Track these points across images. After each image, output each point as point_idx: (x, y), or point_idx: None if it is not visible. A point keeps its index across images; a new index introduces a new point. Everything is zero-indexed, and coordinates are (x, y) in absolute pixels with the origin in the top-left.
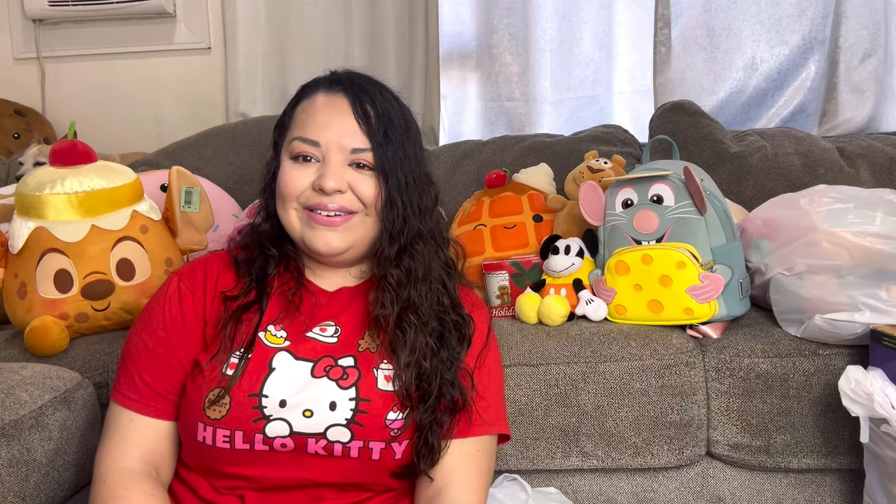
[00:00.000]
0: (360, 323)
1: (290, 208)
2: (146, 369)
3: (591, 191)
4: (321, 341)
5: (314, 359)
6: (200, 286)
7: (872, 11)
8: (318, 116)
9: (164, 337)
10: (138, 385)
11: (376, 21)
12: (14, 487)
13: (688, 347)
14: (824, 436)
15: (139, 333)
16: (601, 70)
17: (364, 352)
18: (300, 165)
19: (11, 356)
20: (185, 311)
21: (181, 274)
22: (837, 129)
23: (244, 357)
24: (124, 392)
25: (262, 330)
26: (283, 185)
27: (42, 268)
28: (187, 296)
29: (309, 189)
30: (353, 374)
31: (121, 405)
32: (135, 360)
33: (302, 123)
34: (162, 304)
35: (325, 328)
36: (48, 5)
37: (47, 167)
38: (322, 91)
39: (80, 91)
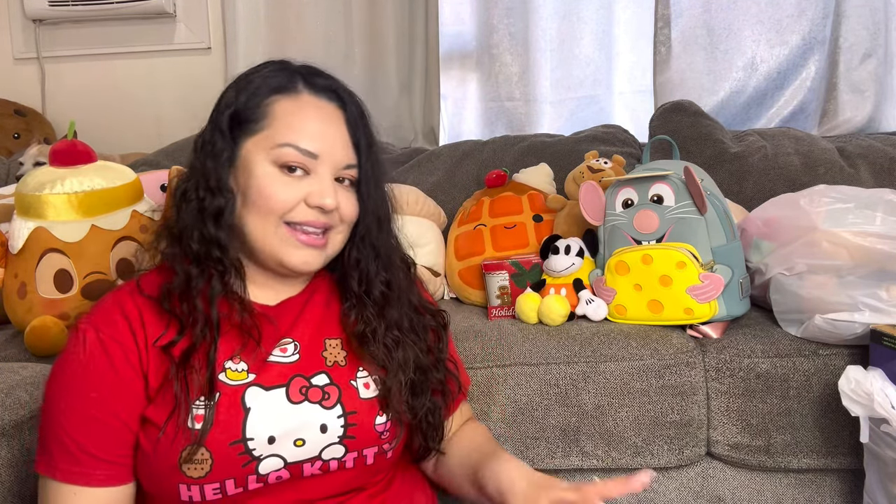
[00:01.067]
0: (314, 332)
1: (271, 223)
2: (83, 436)
3: (591, 191)
4: (285, 363)
5: (284, 383)
6: (127, 334)
7: (872, 11)
8: (312, 123)
9: (96, 398)
10: (77, 455)
11: (376, 21)
12: (14, 487)
13: (688, 347)
14: (824, 436)
15: (62, 398)
16: (601, 70)
17: (334, 366)
18: (289, 178)
19: (11, 356)
20: (117, 365)
21: (95, 324)
22: (837, 129)
23: (209, 406)
24: (61, 466)
25: (219, 370)
26: (267, 198)
27: (42, 268)
28: (114, 347)
29: (300, 205)
30: (333, 392)
31: (60, 481)
32: (65, 429)
33: (290, 127)
34: (85, 362)
35: (285, 348)
36: (48, 5)
37: (47, 167)
38: (307, 91)
39: (80, 91)
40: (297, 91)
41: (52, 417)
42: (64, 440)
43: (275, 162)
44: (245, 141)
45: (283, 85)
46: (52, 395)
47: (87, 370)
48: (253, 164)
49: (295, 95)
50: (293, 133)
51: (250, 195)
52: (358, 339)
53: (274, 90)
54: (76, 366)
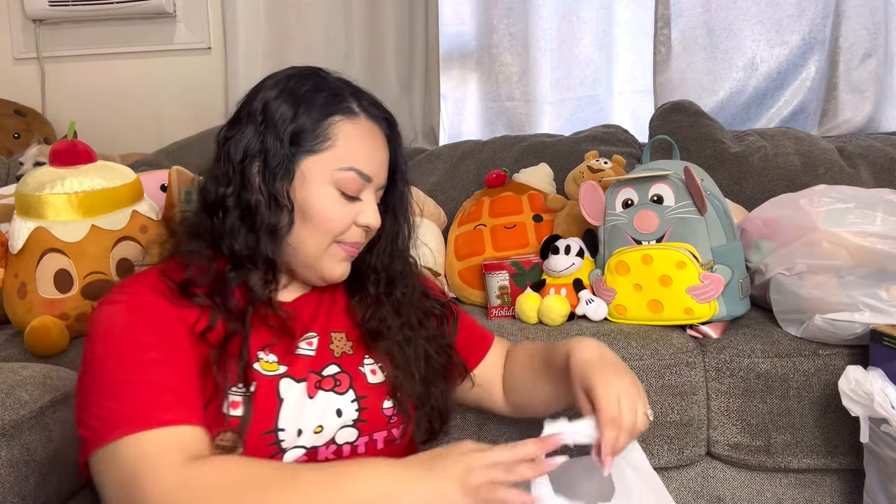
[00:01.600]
0: (324, 327)
1: (325, 241)
2: (161, 377)
3: (591, 191)
4: (305, 355)
5: (305, 377)
6: (166, 305)
7: (872, 11)
8: (367, 149)
9: (157, 342)
10: (161, 398)
11: (376, 21)
12: (14, 487)
13: (688, 347)
14: (824, 436)
15: (116, 359)
16: (601, 70)
17: (342, 356)
18: (347, 202)
19: (11, 356)
20: (166, 315)
21: (130, 295)
22: (837, 129)
23: (247, 395)
24: (153, 415)
25: (253, 360)
26: (327, 220)
27: (42, 268)
28: (157, 307)
29: (351, 225)
30: (344, 379)
31: (153, 428)
32: (140, 379)
33: (353, 151)
34: (131, 320)
35: (311, 341)
36: (48, 5)
37: (47, 167)
38: (363, 115)
39: (80, 91)
40: (355, 114)
41: (110, 382)
42: (139, 391)
43: (335, 184)
44: (304, 158)
45: (341, 106)
46: (99, 363)
47: (137, 323)
48: (313, 183)
49: (354, 118)
50: (356, 157)
51: (309, 214)
52: (372, 335)
53: (333, 111)
54: (123, 324)
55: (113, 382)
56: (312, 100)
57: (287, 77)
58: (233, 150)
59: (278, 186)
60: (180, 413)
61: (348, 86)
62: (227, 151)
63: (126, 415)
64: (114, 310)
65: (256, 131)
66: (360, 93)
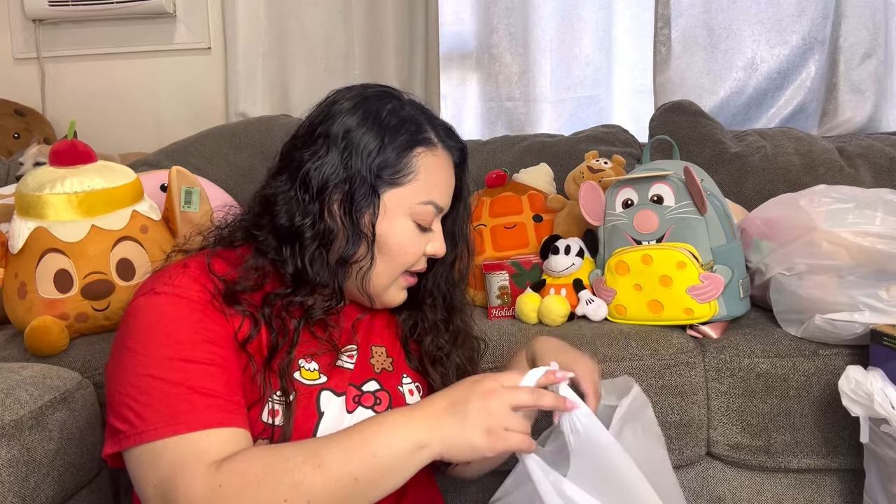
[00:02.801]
0: (365, 340)
1: (397, 272)
2: (197, 379)
3: (591, 191)
4: (345, 368)
5: (344, 390)
6: (212, 302)
7: (872, 11)
8: (444, 180)
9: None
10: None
11: (376, 21)
12: (14, 487)
13: (688, 347)
14: (824, 436)
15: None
16: (601, 70)
17: (382, 372)
18: (421, 234)
19: (11, 356)
20: (209, 313)
21: (174, 288)
22: (837, 129)
23: (288, 405)
24: (185, 418)
25: (294, 369)
26: (405, 253)
27: (42, 268)
28: (200, 305)
29: (420, 256)
30: (384, 398)
31: (188, 432)
32: (175, 380)
33: (433, 184)
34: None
35: (352, 354)
36: (48, 5)
37: (47, 167)
38: (441, 146)
39: (80, 91)
40: (435, 145)
41: (148, 377)
42: (178, 392)
43: (413, 216)
44: (387, 191)
45: (422, 137)
46: (139, 357)
47: (184, 320)
48: (394, 216)
49: (434, 150)
50: (435, 190)
51: (387, 246)
52: (431, 360)
53: (416, 143)
54: (169, 320)
55: (152, 377)
56: (396, 130)
57: (365, 98)
58: (313, 176)
59: (361, 218)
60: (219, 415)
61: (423, 112)
62: (307, 177)
63: (164, 415)
64: (159, 301)
65: (340, 159)
66: (434, 120)
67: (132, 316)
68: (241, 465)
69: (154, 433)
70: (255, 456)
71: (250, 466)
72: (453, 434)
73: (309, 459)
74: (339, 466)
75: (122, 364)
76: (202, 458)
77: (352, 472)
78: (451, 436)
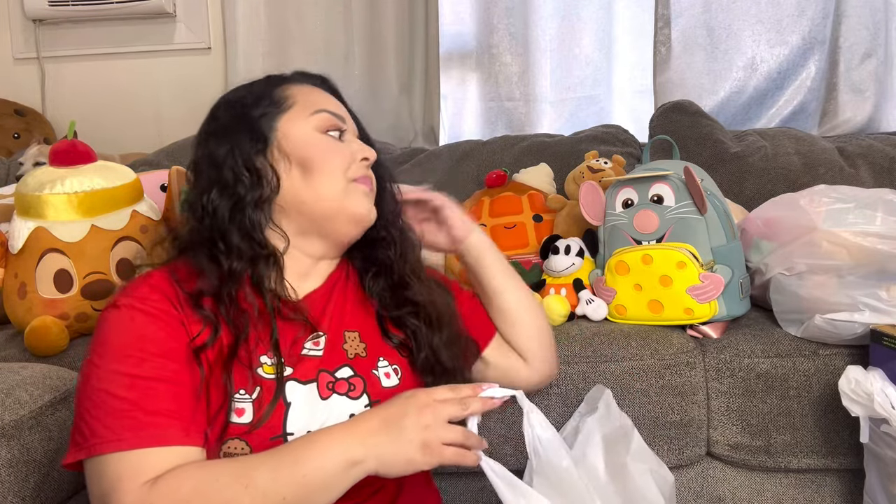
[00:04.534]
0: (336, 325)
1: (340, 180)
2: (147, 398)
3: (591, 191)
4: (313, 356)
5: (314, 378)
6: (172, 312)
7: (872, 11)
8: (323, 97)
9: (153, 357)
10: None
11: (376, 21)
12: (14, 487)
13: (688, 347)
14: (824, 436)
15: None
16: (601, 70)
17: (355, 357)
18: (335, 140)
19: (11, 356)
20: (166, 327)
21: (137, 299)
22: (837, 129)
23: (250, 399)
24: (127, 435)
25: (256, 365)
26: (328, 156)
27: (42, 268)
28: (161, 315)
29: (351, 162)
30: (358, 384)
31: (128, 450)
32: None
33: (312, 100)
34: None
35: (317, 341)
36: (48, 5)
37: (47, 167)
38: (302, 82)
39: (80, 91)
40: (296, 80)
41: (102, 391)
42: (123, 408)
43: (316, 129)
44: (277, 120)
45: (281, 79)
46: (96, 370)
47: (137, 334)
48: (297, 133)
49: (297, 83)
50: (322, 103)
51: (310, 159)
52: (394, 321)
53: (277, 83)
54: (124, 333)
55: (104, 392)
56: (255, 90)
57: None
58: (203, 162)
59: (255, 160)
60: (162, 433)
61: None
62: (199, 166)
63: (109, 430)
64: (118, 315)
65: (217, 135)
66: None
67: (97, 328)
68: (173, 484)
69: (100, 447)
70: (186, 475)
71: (180, 486)
72: (389, 450)
73: (238, 479)
74: (266, 486)
75: (84, 375)
76: (137, 476)
77: (280, 492)
78: (386, 452)
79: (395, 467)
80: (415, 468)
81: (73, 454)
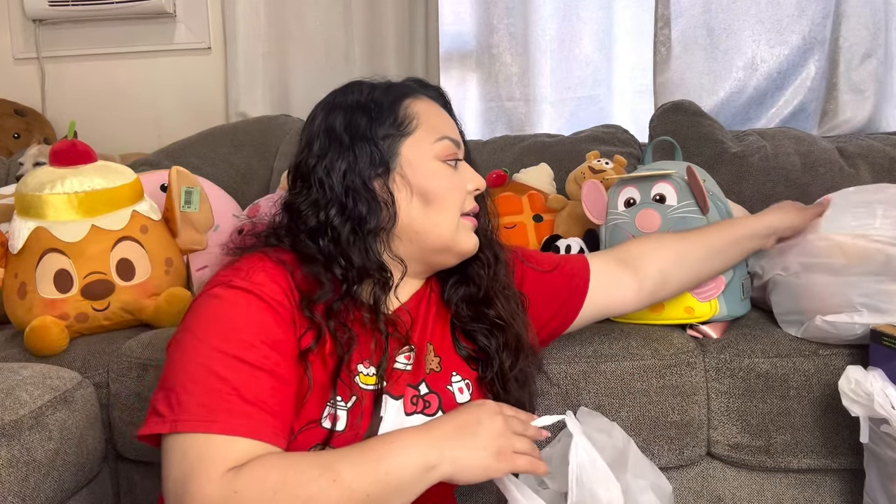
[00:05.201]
0: (422, 337)
1: (454, 216)
2: (250, 386)
3: (593, 190)
4: (402, 370)
5: (402, 393)
6: (288, 306)
7: (872, 11)
8: (443, 117)
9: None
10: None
11: (376, 21)
12: (14, 487)
13: (688, 347)
14: (824, 436)
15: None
16: (601, 70)
17: (430, 373)
18: (452, 169)
19: (11, 356)
20: (281, 322)
21: (254, 285)
22: (837, 129)
23: (347, 408)
24: (221, 418)
25: (355, 374)
26: (449, 191)
27: (42, 268)
28: (277, 307)
29: (464, 193)
30: (433, 400)
31: (219, 433)
32: (227, 380)
33: (435, 122)
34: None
35: (409, 355)
36: (48, 5)
37: (47, 167)
38: (421, 93)
39: (80, 91)
40: (417, 92)
41: (202, 367)
42: (223, 390)
43: (437, 157)
44: (401, 143)
45: (402, 90)
46: (199, 344)
47: (250, 319)
48: (420, 162)
49: (418, 96)
50: (443, 127)
51: (430, 192)
52: (466, 333)
53: (401, 96)
54: (236, 316)
55: (204, 368)
56: (377, 98)
57: (333, 95)
58: (322, 173)
59: (374, 185)
60: (254, 426)
61: (388, 80)
62: (317, 174)
63: (203, 408)
64: (234, 295)
65: (343, 147)
66: (407, 80)
67: (205, 303)
68: (259, 473)
69: (188, 424)
70: (272, 465)
71: (266, 475)
72: (464, 455)
73: (325, 473)
74: (352, 482)
75: (183, 347)
76: (222, 463)
77: (364, 489)
78: (461, 457)
79: (470, 473)
80: (489, 475)
81: (155, 425)
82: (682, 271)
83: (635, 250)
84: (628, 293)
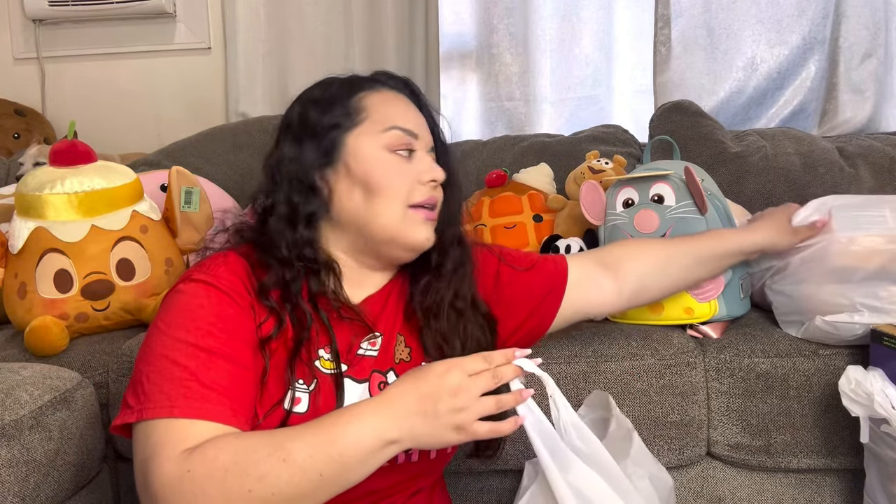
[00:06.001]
0: (391, 327)
1: (399, 206)
2: (205, 371)
3: (592, 190)
4: (368, 356)
5: (367, 377)
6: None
7: (872, 11)
8: (400, 109)
9: (220, 334)
10: (197, 389)
11: (376, 21)
12: (14, 487)
13: (688, 347)
14: (824, 436)
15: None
16: (601, 70)
17: (400, 363)
18: (403, 159)
19: (11, 356)
20: (239, 311)
21: (214, 277)
22: (837, 129)
23: (309, 391)
24: (180, 403)
25: (315, 358)
26: (389, 181)
27: (42, 268)
28: (236, 297)
29: (415, 184)
30: None
31: (179, 417)
32: (185, 366)
33: (387, 114)
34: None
35: (374, 341)
36: (48, 5)
37: (47, 167)
38: (383, 86)
39: (80, 91)
40: (375, 84)
41: (163, 357)
42: (182, 377)
43: (385, 147)
44: (346, 136)
45: (361, 84)
46: (162, 337)
47: (209, 310)
48: (365, 154)
49: (377, 89)
50: (393, 118)
51: (373, 182)
52: (425, 314)
53: (356, 90)
54: (196, 307)
55: (166, 358)
56: (333, 92)
57: (302, 93)
58: (274, 165)
59: (316, 174)
60: (212, 409)
61: (371, 73)
62: (271, 169)
63: (164, 395)
64: (194, 289)
65: (294, 139)
66: (373, 74)
67: (169, 299)
68: (210, 453)
69: (152, 412)
70: (224, 445)
71: (217, 455)
72: (424, 432)
73: (275, 452)
74: (304, 462)
75: (148, 342)
76: (179, 444)
77: (317, 468)
78: (421, 433)
79: (429, 446)
80: (449, 446)
81: (124, 416)
82: (665, 278)
83: (617, 253)
84: (607, 295)
